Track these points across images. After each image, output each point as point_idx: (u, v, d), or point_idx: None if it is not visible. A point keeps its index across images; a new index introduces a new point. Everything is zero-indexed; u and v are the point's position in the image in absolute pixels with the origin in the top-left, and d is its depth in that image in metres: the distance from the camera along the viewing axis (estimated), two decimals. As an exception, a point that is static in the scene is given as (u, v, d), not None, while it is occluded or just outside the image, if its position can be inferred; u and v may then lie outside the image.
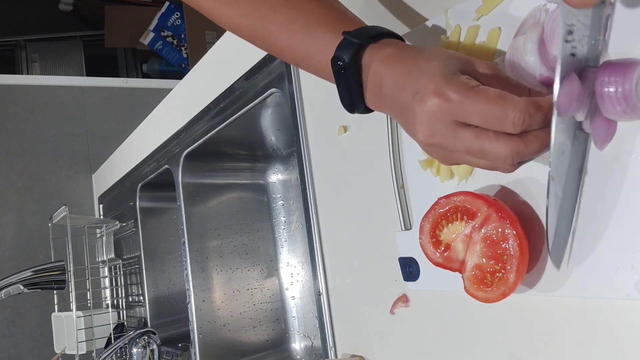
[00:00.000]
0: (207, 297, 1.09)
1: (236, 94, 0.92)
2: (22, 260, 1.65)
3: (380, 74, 0.41)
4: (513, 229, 0.41)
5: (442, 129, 0.37)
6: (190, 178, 1.12)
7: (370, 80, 0.42)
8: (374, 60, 0.42)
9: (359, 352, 0.66)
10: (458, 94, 0.35)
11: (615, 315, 0.39)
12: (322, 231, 0.72)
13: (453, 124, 0.36)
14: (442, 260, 0.45)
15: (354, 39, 0.42)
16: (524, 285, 0.44)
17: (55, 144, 1.79)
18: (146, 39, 2.99)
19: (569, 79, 0.34)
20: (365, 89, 0.43)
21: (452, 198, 0.45)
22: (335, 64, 0.43)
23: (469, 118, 0.36)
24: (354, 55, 0.42)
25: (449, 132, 0.37)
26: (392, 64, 0.41)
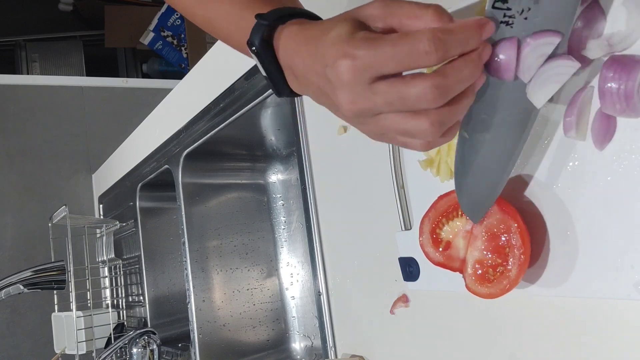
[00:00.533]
0: (207, 297, 1.09)
1: (236, 94, 0.92)
2: (22, 260, 1.65)
3: (289, 57, 0.40)
4: (515, 221, 0.41)
5: (361, 91, 0.35)
6: (190, 178, 1.12)
7: (284, 63, 0.41)
8: (282, 41, 0.41)
9: (359, 352, 0.66)
10: (362, 48, 0.34)
11: (615, 315, 0.39)
12: (322, 231, 0.72)
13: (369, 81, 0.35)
14: (442, 259, 0.45)
15: (262, 21, 0.41)
16: (525, 281, 0.44)
17: (55, 144, 1.79)
18: (146, 39, 2.99)
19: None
20: (285, 73, 0.42)
21: (452, 195, 0.45)
22: (251, 49, 0.42)
23: (382, 68, 0.34)
24: (263, 39, 0.41)
25: (367, 92, 0.35)
26: (298, 46, 0.40)
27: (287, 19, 0.41)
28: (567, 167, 0.41)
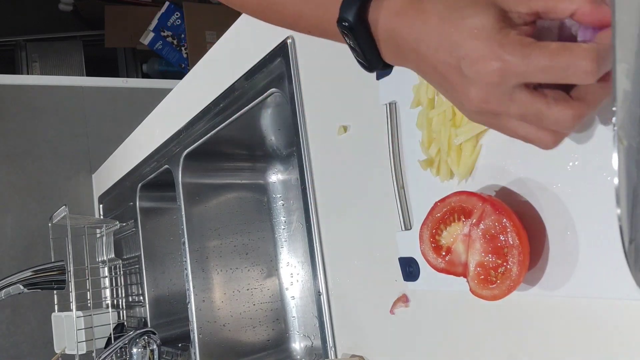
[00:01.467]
0: (207, 297, 1.09)
1: (236, 94, 0.92)
2: (22, 260, 1.65)
3: (393, 30, 0.38)
4: (509, 220, 0.41)
5: (499, 94, 0.34)
6: (190, 178, 1.13)
7: (382, 37, 0.39)
8: (381, 14, 0.38)
9: (359, 352, 0.66)
10: (516, 55, 0.32)
11: (615, 315, 0.39)
12: (322, 231, 0.72)
13: (512, 87, 0.33)
14: (444, 265, 0.45)
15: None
16: (526, 284, 0.44)
17: (56, 144, 1.79)
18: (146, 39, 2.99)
19: None
20: (380, 47, 0.40)
21: (447, 200, 0.45)
22: (342, 26, 0.39)
23: (531, 78, 0.32)
24: (358, 13, 0.38)
25: (505, 97, 0.34)
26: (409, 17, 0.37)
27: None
28: (567, 167, 0.41)
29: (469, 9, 0.34)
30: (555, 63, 0.31)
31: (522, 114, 0.34)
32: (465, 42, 0.34)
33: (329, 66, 0.69)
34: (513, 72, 0.32)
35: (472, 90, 0.35)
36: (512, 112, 0.34)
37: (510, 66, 0.32)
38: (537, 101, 0.33)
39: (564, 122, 0.33)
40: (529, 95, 0.33)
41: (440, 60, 0.36)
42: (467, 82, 0.35)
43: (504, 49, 0.32)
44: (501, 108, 0.34)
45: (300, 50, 0.75)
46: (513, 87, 0.33)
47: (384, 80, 0.58)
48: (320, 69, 0.71)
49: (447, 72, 0.36)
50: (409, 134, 0.55)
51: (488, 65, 0.33)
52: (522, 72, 0.32)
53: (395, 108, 0.57)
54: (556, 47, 0.31)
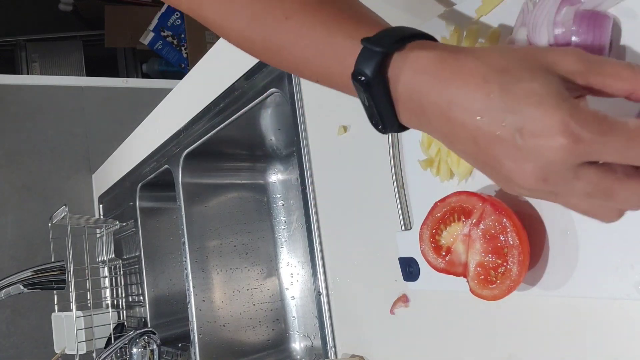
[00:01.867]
0: (207, 297, 1.09)
1: (236, 94, 0.92)
2: (22, 260, 1.65)
3: (418, 90, 0.33)
4: (509, 220, 0.41)
5: (563, 172, 0.29)
6: (190, 178, 1.13)
7: (402, 97, 0.34)
8: (405, 70, 0.33)
9: (359, 352, 0.66)
10: (591, 131, 0.28)
11: (615, 315, 0.39)
12: (322, 231, 0.72)
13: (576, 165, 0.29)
14: (445, 265, 0.45)
15: (375, 47, 0.34)
16: (526, 284, 0.44)
17: (55, 143, 1.79)
18: (146, 39, 2.99)
19: None
20: (397, 106, 0.35)
21: (447, 200, 0.45)
22: (357, 79, 0.35)
23: (602, 157, 0.29)
24: (377, 68, 0.34)
25: (569, 175, 0.29)
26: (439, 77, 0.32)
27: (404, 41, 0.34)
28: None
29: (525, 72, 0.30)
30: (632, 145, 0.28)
31: (589, 193, 0.30)
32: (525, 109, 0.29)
33: (329, 66, 0.69)
34: (585, 150, 0.28)
35: (528, 166, 0.30)
36: (576, 190, 0.30)
37: (582, 144, 0.28)
38: (608, 178, 0.29)
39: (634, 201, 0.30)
40: (598, 172, 0.29)
41: (484, 129, 0.31)
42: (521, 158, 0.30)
43: (577, 123, 0.28)
44: (564, 187, 0.30)
45: (300, 50, 0.75)
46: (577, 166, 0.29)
47: (384, 80, 0.58)
48: (320, 69, 0.71)
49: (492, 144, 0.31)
50: (409, 134, 0.55)
51: (555, 140, 0.28)
52: (595, 151, 0.28)
53: (395, 108, 0.57)
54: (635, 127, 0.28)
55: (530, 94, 0.29)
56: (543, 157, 0.29)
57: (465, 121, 0.31)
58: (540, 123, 0.29)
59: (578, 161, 0.29)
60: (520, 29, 0.42)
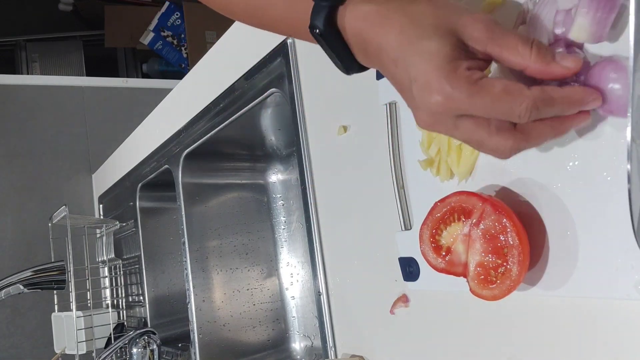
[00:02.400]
0: (207, 297, 1.09)
1: (236, 94, 0.92)
2: (22, 260, 1.65)
3: (360, 34, 0.38)
4: (509, 220, 0.41)
5: (444, 120, 0.35)
6: (190, 178, 1.13)
7: (352, 41, 0.39)
8: (348, 20, 0.38)
9: (359, 352, 0.66)
10: (460, 92, 0.33)
11: (615, 315, 0.39)
12: (322, 231, 0.72)
13: (455, 116, 0.35)
14: (445, 265, 0.45)
15: (322, 2, 0.39)
16: (526, 284, 0.44)
17: (55, 144, 1.79)
18: (146, 39, 2.99)
19: None
20: (352, 49, 0.40)
21: (447, 200, 0.45)
22: (314, 32, 0.40)
23: (473, 112, 0.34)
24: (327, 20, 0.39)
25: (449, 123, 0.35)
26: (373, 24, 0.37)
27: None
28: (567, 167, 0.41)
29: (429, 30, 0.35)
30: (495, 106, 0.33)
31: (466, 140, 0.36)
32: (418, 64, 0.35)
33: (329, 66, 0.69)
34: (457, 107, 0.34)
35: (419, 112, 0.36)
36: (456, 136, 0.36)
37: (452, 101, 0.34)
38: (480, 130, 0.35)
39: (501, 151, 0.35)
40: (472, 124, 0.35)
41: (396, 75, 0.37)
42: (415, 104, 0.36)
43: (450, 83, 0.33)
44: (445, 131, 0.36)
45: (300, 50, 0.75)
46: (457, 116, 0.35)
47: (384, 80, 0.58)
48: (320, 69, 0.71)
49: (401, 86, 0.37)
50: (409, 134, 0.55)
51: (432, 96, 0.34)
52: (465, 107, 0.34)
53: (395, 108, 0.57)
54: (500, 91, 0.33)
55: (426, 51, 0.34)
56: (426, 107, 0.35)
57: (389, 66, 0.37)
58: (424, 78, 0.34)
59: (453, 113, 0.34)
60: (520, 28, 0.42)
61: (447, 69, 0.34)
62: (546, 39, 0.40)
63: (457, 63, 0.34)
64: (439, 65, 0.34)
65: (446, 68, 0.34)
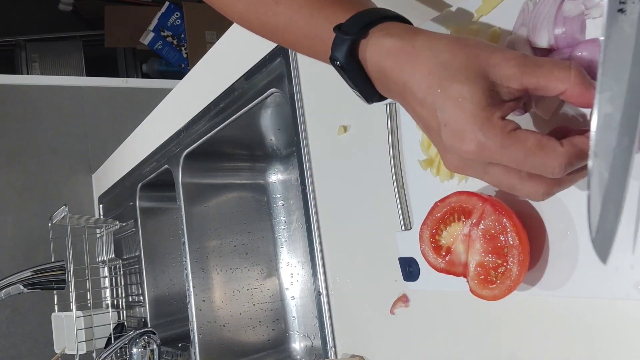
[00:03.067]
0: (207, 297, 1.09)
1: (236, 94, 0.92)
2: (22, 260, 1.65)
3: (383, 69, 0.37)
4: (509, 220, 0.41)
5: (474, 165, 0.35)
6: (190, 178, 1.12)
7: (373, 74, 0.39)
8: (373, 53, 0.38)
9: (359, 352, 0.66)
10: (495, 143, 0.33)
11: (615, 315, 0.39)
12: (322, 231, 0.72)
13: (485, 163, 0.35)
14: (445, 265, 0.45)
15: (344, 35, 0.38)
16: (526, 284, 0.44)
17: (55, 144, 1.79)
18: (146, 39, 2.99)
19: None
20: (373, 81, 0.40)
21: (447, 200, 0.45)
22: (334, 64, 0.40)
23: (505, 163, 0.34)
24: (348, 52, 0.38)
25: (480, 168, 0.35)
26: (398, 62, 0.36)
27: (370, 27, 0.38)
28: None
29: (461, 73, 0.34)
30: (528, 160, 0.33)
31: (497, 185, 0.36)
32: (449, 109, 0.34)
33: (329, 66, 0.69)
34: (487, 156, 0.33)
35: (447, 156, 0.36)
36: (487, 181, 0.36)
37: (485, 151, 0.33)
38: (511, 177, 0.34)
39: (534, 196, 0.35)
40: (503, 171, 0.34)
41: (423, 116, 0.36)
42: (445, 148, 0.36)
43: (484, 133, 0.33)
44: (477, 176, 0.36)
45: (300, 50, 0.75)
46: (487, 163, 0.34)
47: (384, 80, 0.58)
48: (320, 69, 0.71)
49: (428, 127, 0.36)
50: (409, 134, 0.55)
51: (465, 144, 0.33)
52: (497, 158, 0.33)
53: (395, 108, 0.57)
54: (532, 145, 0.32)
55: (457, 96, 0.34)
56: (456, 153, 0.35)
57: (414, 105, 0.36)
58: (457, 125, 0.34)
59: (485, 161, 0.34)
60: (520, 28, 0.42)
61: (481, 116, 0.33)
62: (546, 39, 0.40)
63: (491, 111, 0.33)
64: (473, 112, 0.33)
65: (480, 116, 0.33)
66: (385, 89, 0.39)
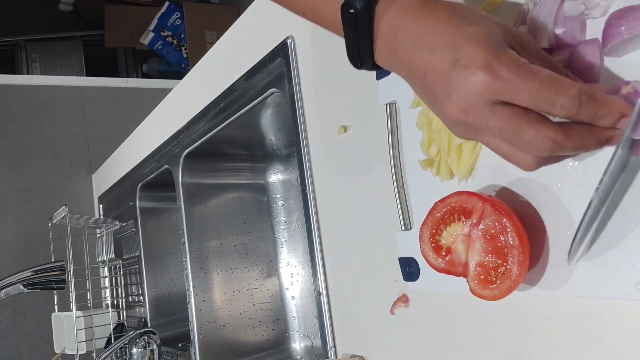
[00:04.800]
0: (207, 297, 1.09)
1: (236, 94, 0.92)
2: (22, 260, 1.65)
3: (397, 27, 0.36)
4: (509, 220, 0.41)
5: (480, 105, 0.33)
6: (190, 178, 1.12)
7: (382, 33, 0.37)
8: (390, 9, 0.37)
9: (359, 352, 0.66)
10: (509, 70, 0.32)
11: (615, 315, 0.39)
12: (322, 231, 0.72)
13: (493, 101, 0.33)
14: (445, 265, 0.45)
15: None
16: (526, 284, 0.44)
17: (55, 144, 1.79)
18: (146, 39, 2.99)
19: None
20: (376, 42, 0.38)
21: (447, 200, 0.45)
22: (346, 11, 0.38)
23: (515, 97, 0.32)
24: (367, 2, 0.37)
25: (486, 110, 0.33)
26: (416, 16, 0.36)
27: None
28: (567, 167, 0.41)
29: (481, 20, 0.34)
30: (542, 90, 0.32)
31: (502, 129, 0.33)
32: (464, 45, 0.33)
33: (329, 66, 0.69)
34: (502, 88, 0.32)
35: (453, 97, 0.34)
36: (491, 125, 0.34)
37: (501, 82, 0.32)
38: (520, 118, 0.33)
39: (540, 143, 0.33)
40: (513, 111, 0.33)
41: (433, 62, 0.35)
42: (450, 88, 0.34)
43: (499, 61, 0.32)
44: (480, 121, 0.34)
45: (300, 50, 0.75)
46: (494, 102, 0.33)
47: (384, 80, 0.58)
48: (320, 69, 0.71)
49: (436, 76, 0.35)
50: (409, 134, 0.55)
51: (477, 74, 0.32)
52: (510, 90, 0.32)
53: (395, 108, 0.57)
54: (547, 75, 0.32)
55: (474, 35, 0.33)
56: (466, 88, 0.33)
57: (423, 56, 0.35)
58: (470, 57, 0.33)
59: (495, 98, 0.33)
60: (520, 28, 0.42)
61: (497, 48, 0.33)
62: (547, 39, 0.40)
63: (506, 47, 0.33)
64: (489, 45, 0.33)
65: (496, 48, 0.33)
66: (387, 52, 0.38)
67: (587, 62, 0.38)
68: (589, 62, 0.38)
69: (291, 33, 0.76)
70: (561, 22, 0.39)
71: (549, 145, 0.33)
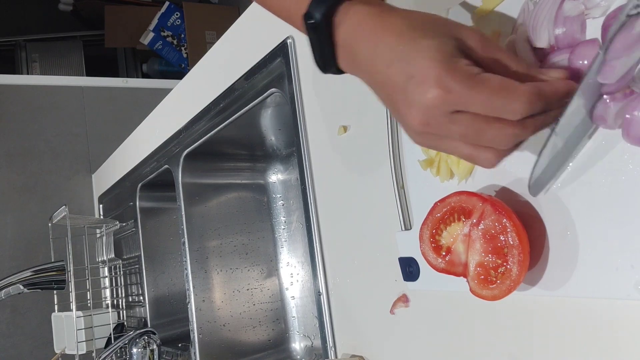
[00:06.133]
0: (207, 297, 1.09)
1: (236, 94, 0.92)
2: (22, 260, 1.65)
3: (354, 37, 0.38)
4: (509, 220, 0.41)
5: (439, 117, 0.35)
6: (190, 178, 1.12)
7: (341, 42, 0.39)
8: (346, 20, 0.38)
9: (359, 352, 0.66)
10: (460, 84, 0.33)
11: (615, 315, 0.39)
12: (322, 231, 0.72)
13: (450, 112, 0.35)
14: (445, 265, 0.45)
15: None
16: (526, 284, 0.44)
17: (55, 144, 1.79)
18: (146, 39, 2.99)
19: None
20: (337, 50, 0.40)
21: (448, 200, 0.45)
22: (307, 22, 0.39)
23: (469, 107, 0.34)
24: (325, 14, 0.38)
25: (445, 120, 0.35)
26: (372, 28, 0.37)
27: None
28: (566, 167, 0.41)
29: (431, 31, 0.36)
30: (494, 99, 0.33)
31: (463, 134, 0.35)
32: (417, 60, 0.35)
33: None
34: (455, 100, 0.34)
35: (413, 111, 0.35)
36: (453, 132, 0.35)
37: (453, 96, 0.34)
38: (478, 120, 0.35)
39: (501, 139, 0.35)
40: (469, 115, 0.35)
41: (390, 76, 0.36)
42: (409, 103, 0.35)
43: (451, 76, 0.34)
44: (441, 130, 0.36)
45: (300, 50, 0.75)
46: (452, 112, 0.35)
47: (384, 80, 0.58)
48: (320, 69, 0.71)
49: (394, 89, 0.36)
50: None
51: (430, 90, 0.34)
52: (463, 101, 0.34)
53: (395, 108, 0.57)
54: (497, 85, 0.34)
55: (427, 49, 0.35)
56: (422, 103, 0.35)
57: (381, 69, 0.37)
58: (423, 73, 0.34)
59: (451, 109, 0.34)
60: (520, 28, 0.42)
61: (447, 62, 0.34)
62: (546, 39, 0.40)
63: (457, 59, 0.35)
64: (440, 59, 0.34)
65: (446, 62, 0.34)
66: (348, 60, 0.40)
67: (587, 62, 0.38)
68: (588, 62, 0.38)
69: (291, 33, 0.76)
70: (561, 22, 0.39)
71: (513, 140, 0.35)
